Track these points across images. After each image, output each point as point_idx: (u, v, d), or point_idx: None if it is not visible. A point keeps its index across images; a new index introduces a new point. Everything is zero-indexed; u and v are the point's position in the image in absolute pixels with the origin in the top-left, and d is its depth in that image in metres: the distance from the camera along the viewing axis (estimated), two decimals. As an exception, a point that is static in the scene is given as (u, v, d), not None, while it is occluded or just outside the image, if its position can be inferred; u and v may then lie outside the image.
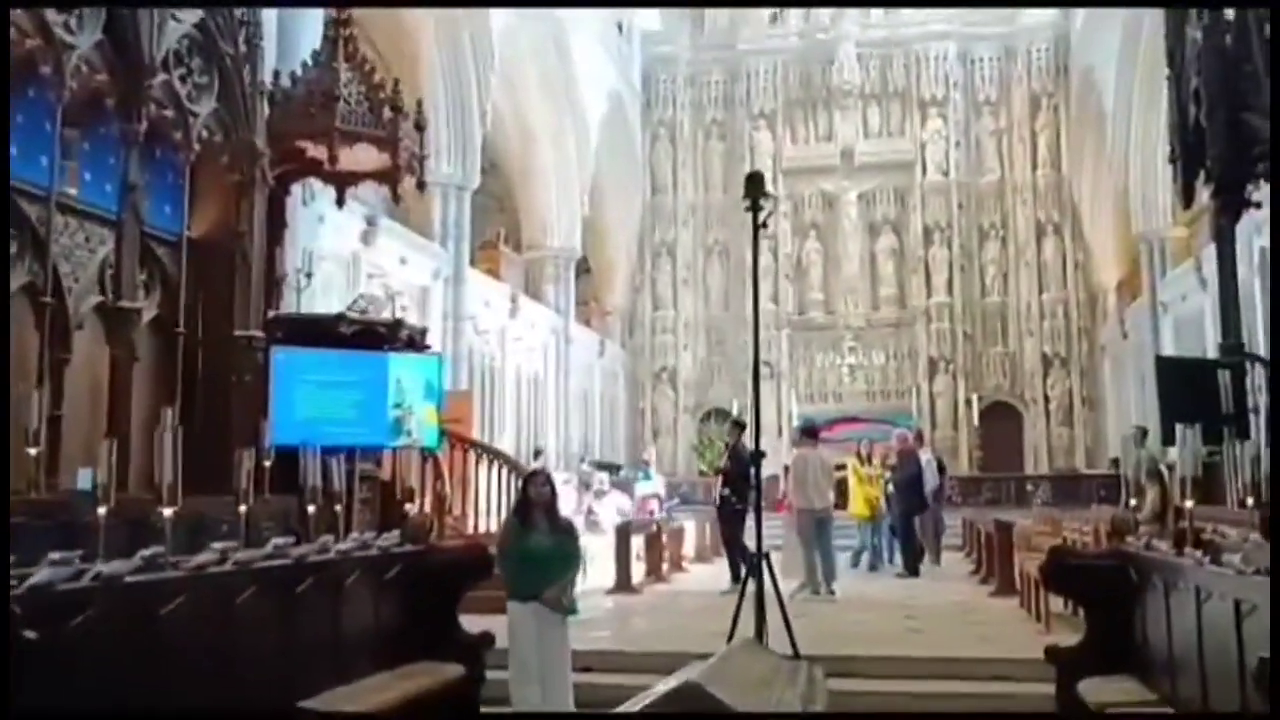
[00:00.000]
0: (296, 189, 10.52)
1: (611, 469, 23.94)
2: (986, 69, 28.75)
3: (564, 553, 5.61)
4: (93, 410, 7.59)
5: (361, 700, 5.19)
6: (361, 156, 9.70)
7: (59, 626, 3.48)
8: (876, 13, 30.74)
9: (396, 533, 7.04)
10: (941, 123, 28.56)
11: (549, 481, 5.72)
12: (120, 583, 3.89)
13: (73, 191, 7.78)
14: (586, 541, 13.61)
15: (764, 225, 6.22)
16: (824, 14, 30.61)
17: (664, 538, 14.34)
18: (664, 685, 3.18)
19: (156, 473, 4.48)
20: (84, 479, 7.43)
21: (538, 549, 5.52)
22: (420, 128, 10.00)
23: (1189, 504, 4.90)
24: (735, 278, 28.51)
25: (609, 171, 26.89)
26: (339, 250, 14.51)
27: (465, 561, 6.53)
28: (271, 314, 9.20)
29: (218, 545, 5.01)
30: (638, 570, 12.71)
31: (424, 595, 6.26)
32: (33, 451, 5.69)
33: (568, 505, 16.56)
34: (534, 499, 5.59)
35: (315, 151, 9.48)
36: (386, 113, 9.56)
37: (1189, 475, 4.97)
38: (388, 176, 10.06)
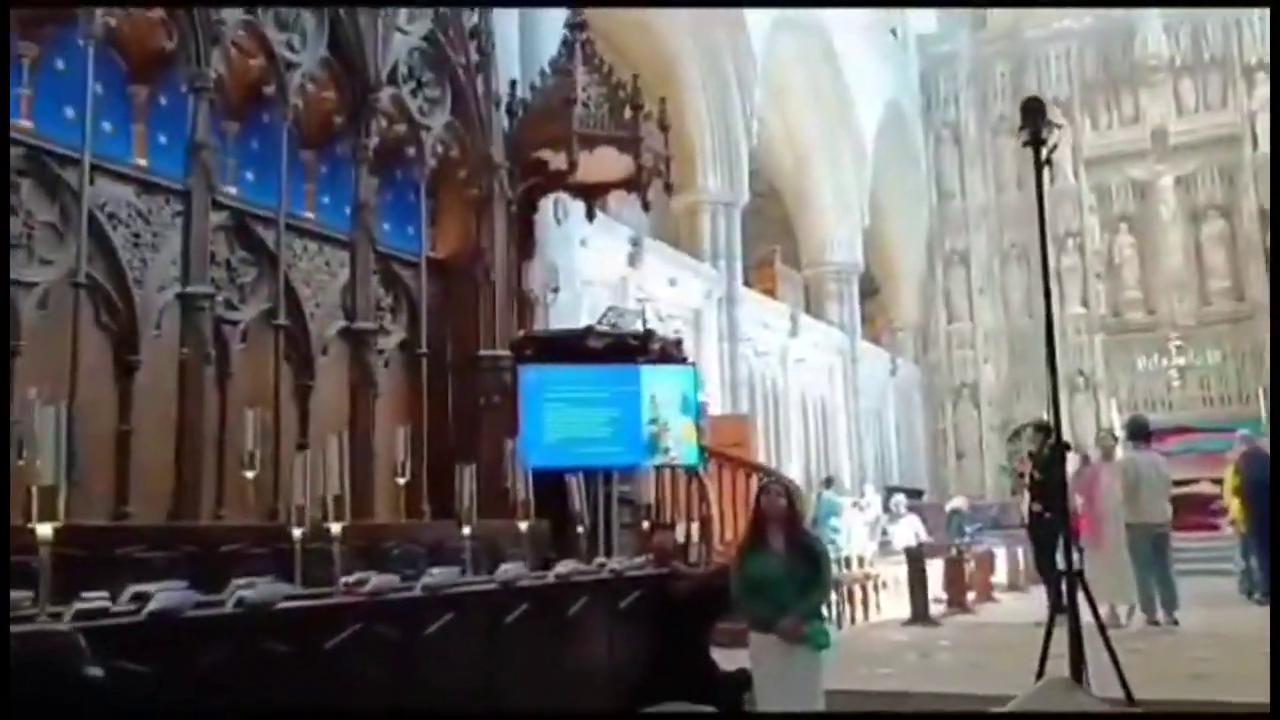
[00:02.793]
0: (546, 205, 10.17)
1: (913, 494, 22.39)
2: (1324, 19, 24.97)
3: (797, 576, 4.64)
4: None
5: (588, 747, 4.46)
6: (603, 164, 9.18)
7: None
8: (1183, -24, 27.60)
9: (648, 558, 6.33)
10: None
11: (786, 493, 4.79)
12: (267, 610, 3.34)
13: (311, 215, 7.70)
14: (880, 569, 12.50)
15: (1048, 162, 5.03)
16: (1121, -14, 27.87)
17: (968, 563, 12.89)
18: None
19: (325, 488, 3.94)
20: (335, 507, 7.26)
21: (769, 572, 4.61)
22: (665, 127, 9.40)
23: None
24: (1037, 282, 26.00)
25: (890, 181, 25.46)
26: (605, 275, 14.19)
27: (715, 587, 5.66)
28: (520, 333, 8.84)
29: (435, 571, 4.46)
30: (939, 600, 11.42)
31: (668, 626, 5.46)
32: (249, 475, 5.39)
33: (859, 531, 15.45)
34: (767, 512, 4.68)
35: (556, 162, 9.07)
36: (627, 113, 9.04)
37: None
38: (634, 183, 9.51)
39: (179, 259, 6.27)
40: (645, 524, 6.57)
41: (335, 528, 3.87)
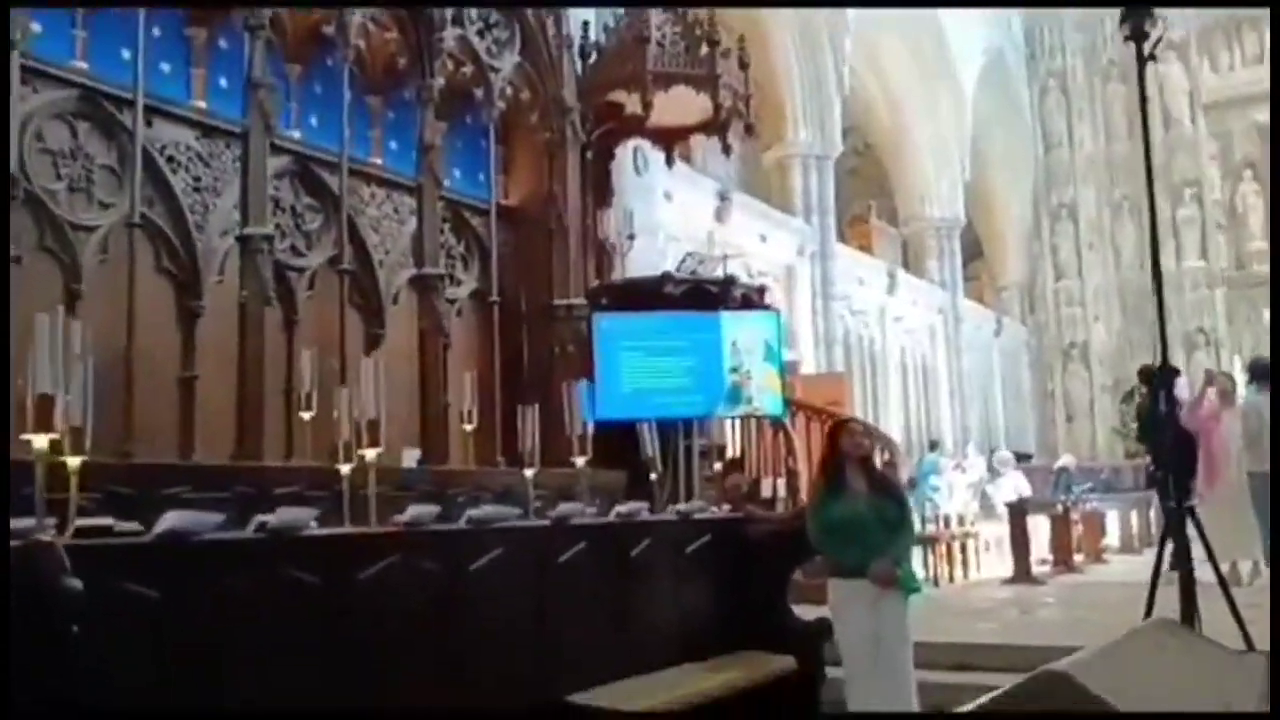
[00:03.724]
0: (624, 156, 9.88)
1: (1021, 458, 21.57)
2: None
3: (885, 518, 4.29)
4: (409, 388, 7.22)
5: (650, 695, 4.18)
6: (680, 105, 8.83)
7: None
8: (1311, -96, 25.84)
9: (722, 506, 6.04)
10: None
11: (868, 432, 4.42)
12: (291, 536, 3.15)
13: (378, 161, 7.56)
14: (982, 528, 11.98)
15: (1152, 57, 4.54)
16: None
17: (1076, 524, 12.25)
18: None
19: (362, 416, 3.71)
20: (409, 458, 7.12)
21: (854, 514, 4.25)
22: (744, 64, 9.01)
23: None
24: (1150, 235, 24.87)
25: (991, 134, 24.44)
26: (691, 229, 13.82)
27: (791, 531, 5.34)
28: (595, 282, 8.60)
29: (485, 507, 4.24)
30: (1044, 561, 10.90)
31: (741, 573, 5.16)
32: (306, 416, 5.23)
33: (960, 492, 14.87)
34: (847, 452, 4.32)
35: (631, 105, 8.77)
36: (703, 50, 8.68)
37: None
38: (712, 126, 9.14)
39: (241, 204, 6.16)
40: (717, 465, 6.25)
41: (370, 454, 3.66)
